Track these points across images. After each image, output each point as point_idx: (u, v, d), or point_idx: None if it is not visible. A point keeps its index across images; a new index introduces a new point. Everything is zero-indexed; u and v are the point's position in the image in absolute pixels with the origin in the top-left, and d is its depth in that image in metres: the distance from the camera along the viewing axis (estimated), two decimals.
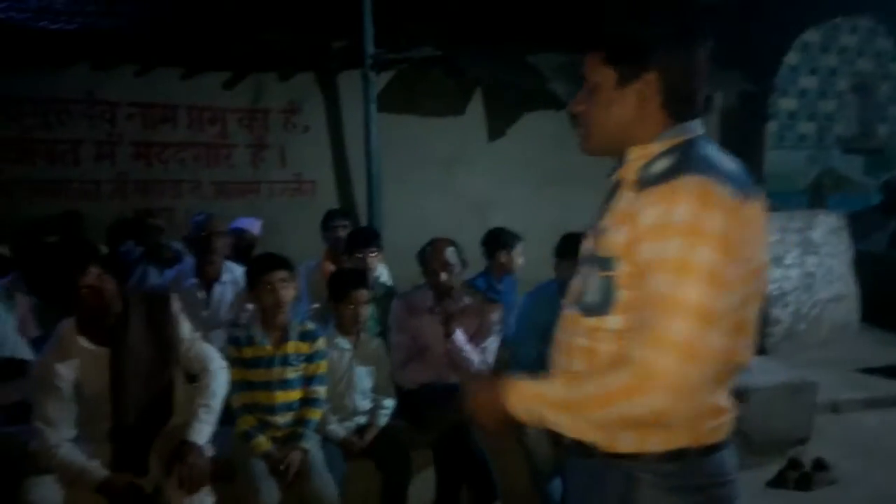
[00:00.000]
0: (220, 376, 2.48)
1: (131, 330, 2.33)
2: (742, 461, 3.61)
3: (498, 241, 4.01)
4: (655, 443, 1.23)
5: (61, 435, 2.27)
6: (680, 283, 1.10)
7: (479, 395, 1.34)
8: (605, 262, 1.23)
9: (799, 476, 3.52)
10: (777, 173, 8.06)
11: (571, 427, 1.23)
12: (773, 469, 3.59)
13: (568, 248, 3.09)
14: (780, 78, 7.81)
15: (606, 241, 1.23)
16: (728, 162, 1.22)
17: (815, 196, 8.59)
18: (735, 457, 1.32)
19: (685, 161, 1.19)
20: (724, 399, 1.27)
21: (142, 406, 2.35)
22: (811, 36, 8.04)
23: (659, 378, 1.10)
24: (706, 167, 1.17)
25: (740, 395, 3.48)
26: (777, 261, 5.38)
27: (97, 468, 2.26)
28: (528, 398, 1.25)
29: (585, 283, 1.29)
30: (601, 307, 1.23)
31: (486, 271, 4.02)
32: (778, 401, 3.80)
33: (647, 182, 1.20)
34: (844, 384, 4.76)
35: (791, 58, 7.83)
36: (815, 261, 5.57)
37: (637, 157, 1.27)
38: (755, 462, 3.66)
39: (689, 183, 1.14)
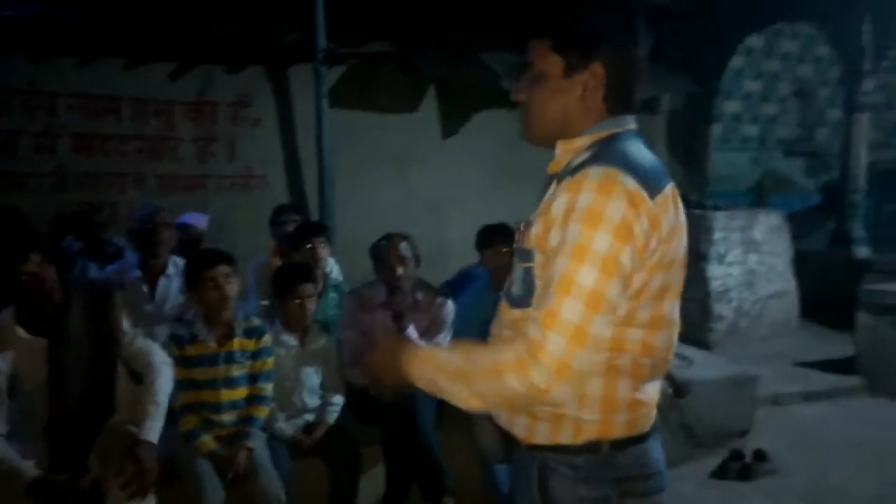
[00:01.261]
0: (164, 372, 2.41)
1: (71, 321, 2.26)
2: (685, 453, 3.72)
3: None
4: (567, 435, 1.25)
5: None
6: (576, 267, 1.13)
7: (383, 354, 1.35)
8: (525, 254, 1.26)
9: (740, 467, 3.63)
10: (722, 174, 8.28)
11: (461, 397, 1.21)
12: (715, 460, 3.69)
13: (487, 239, 3.22)
14: (725, 81, 8.02)
15: (528, 233, 1.26)
16: (644, 157, 1.24)
17: (758, 196, 8.86)
18: (660, 450, 1.34)
19: (599, 154, 1.21)
20: (641, 393, 1.28)
21: (81, 401, 2.27)
22: (755, 41, 8.27)
23: (546, 356, 1.11)
24: (616, 159, 1.19)
25: (683, 388, 3.58)
26: (720, 258, 5.53)
27: (29, 467, 2.18)
28: (426, 365, 1.26)
29: (512, 275, 1.32)
30: (524, 298, 1.25)
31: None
32: (720, 394, 3.91)
33: (565, 175, 1.23)
34: (784, 378, 4.93)
35: (736, 62, 8.04)
36: (756, 258, 5.76)
37: (564, 152, 1.30)
38: (698, 454, 3.76)
39: (595, 172, 1.17)
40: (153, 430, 2.28)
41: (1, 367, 2.20)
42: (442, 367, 1.23)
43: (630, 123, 1.30)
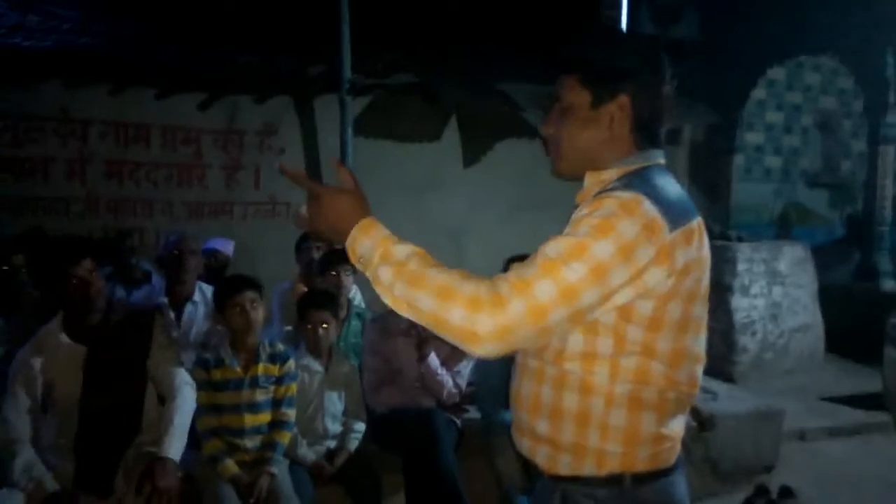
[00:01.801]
0: (186, 392, 2.46)
1: (111, 334, 2.33)
2: (709, 488, 3.65)
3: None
4: (590, 466, 1.25)
5: (25, 431, 2.27)
6: (570, 259, 1.14)
7: (335, 200, 1.28)
8: None
9: (765, 503, 3.55)
10: (744, 205, 8.23)
11: (391, 292, 1.18)
12: (739, 496, 3.62)
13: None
14: (747, 112, 8.03)
15: None
16: (671, 191, 1.26)
17: (782, 228, 8.78)
18: (684, 485, 1.32)
19: (628, 183, 1.23)
20: (666, 427, 1.28)
21: (110, 415, 2.31)
22: (777, 73, 8.27)
23: (501, 313, 1.10)
24: (643, 188, 1.21)
25: (708, 422, 3.53)
26: (744, 290, 5.48)
27: (49, 481, 2.22)
28: (376, 240, 1.22)
29: None
30: None
31: None
32: (745, 428, 3.84)
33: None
34: (810, 412, 4.83)
35: (758, 93, 8.04)
36: (781, 291, 5.69)
37: (593, 183, 1.32)
38: (722, 489, 3.69)
39: (621, 195, 1.19)
40: (173, 448, 2.31)
41: (39, 369, 2.27)
42: (392, 258, 1.19)
43: (659, 158, 1.33)
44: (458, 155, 6.61)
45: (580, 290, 1.13)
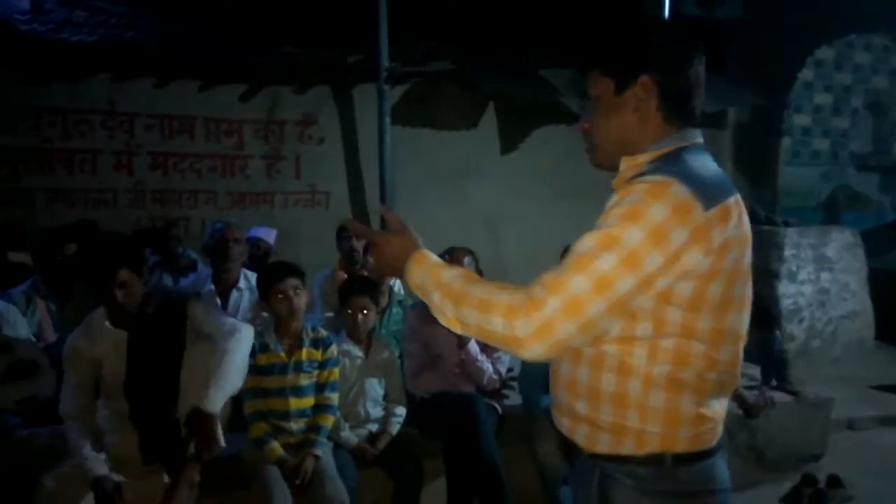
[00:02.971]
0: (240, 340, 2.44)
1: (149, 320, 2.43)
2: (755, 476, 3.60)
3: None
4: (630, 446, 1.26)
5: (76, 410, 2.39)
6: (600, 251, 1.15)
7: (391, 243, 1.39)
8: None
9: (813, 492, 3.49)
10: (791, 189, 8.04)
11: (444, 313, 1.27)
12: (787, 485, 3.56)
13: None
14: (795, 94, 7.81)
15: None
16: (706, 169, 1.26)
17: (830, 213, 8.55)
18: (725, 468, 1.31)
19: (661, 166, 1.24)
20: (706, 408, 1.27)
21: (155, 393, 2.39)
22: (825, 53, 8.03)
23: (537, 314, 1.13)
24: (674, 170, 1.21)
25: (755, 409, 3.47)
26: (791, 276, 5.37)
27: (98, 464, 2.31)
28: (427, 273, 1.30)
29: None
30: None
31: None
32: (792, 417, 3.78)
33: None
34: (859, 401, 4.72)
35: (805, 74, 7.82)
36: (829, 277, 5.56)
37: (628, 168, 1.32)
38: (768, 478, 3.64)
39: (650, 179, 1.19)
40: (209, 399, 2.26)
41: (88, 352, 2.41)
42: (440, 282, 1.27)
43: (696, 137, 1.32)
44: (495, 142, 6.58)
45: (614, 280, 1.14)
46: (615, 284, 1.14)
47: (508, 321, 1.15)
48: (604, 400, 1.25)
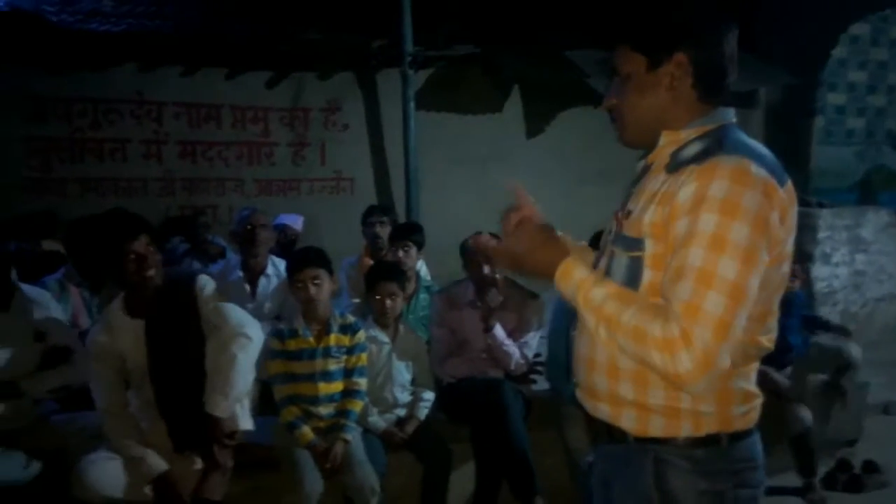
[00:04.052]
0: (247, 346, 2.40)
1: (161, 304, 2.38)
2: (789, 461, 3.53)
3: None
4: (687, 428, 1.24)
5: (116, 404, 2.37)
6: (716, 258, 1.11)
7: (542, 247, 1.30)
8: (632, 243, 1.25)
9: (848, 478, 3.44)
10: (825, 169, 7.86)
11: (598, 333, 1.22)
12: (821, 470, 3.50)
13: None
14: (828, 72, 7.61)
15: (634, 222, 1.25)
16: (762, 148, 1.24)
17: (865, 193, 8.35)
18: (761, 445, 1.32)
19: (720, 143, 1.21)
20: (751, 384, 1.28)
21: (180, 379, 2.38)
22: (860, 28, 7.81)
23: (693, 347, 1.10)
24: (742, 149, 1.19)
25: (789, 392, 3.42)
26: (825, 258, 5.26)
27: (158, 462, 2.31)
28: (575, 288, 1.25)
29: (611, 264, 1.31)
30: (628, 288, 1.24)
31: None
32: (827, 401, 3.71)
33: (679, 164, 1.22)
34: (895, 386, 4.62)
35: (839, 51, 7.61)
36: (864, 259, 5.44)
37: (669, 143, 1.29)
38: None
39: (726, 161, 1.16)
40: (215, 405, 2.31)
41: (110, 346, 2.37)
42: (591, 305, 1.22)
43: (732, 117, 1.30)
44: (521, 125, 6.53)
45: (743, 284, 1.12)
46: (746, 288, 1.13)
47: (666, 356, 1.12)
48: (653, 383, 1.23)
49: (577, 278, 1.26)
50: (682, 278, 1.14)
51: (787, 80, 6.81)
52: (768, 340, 1.27)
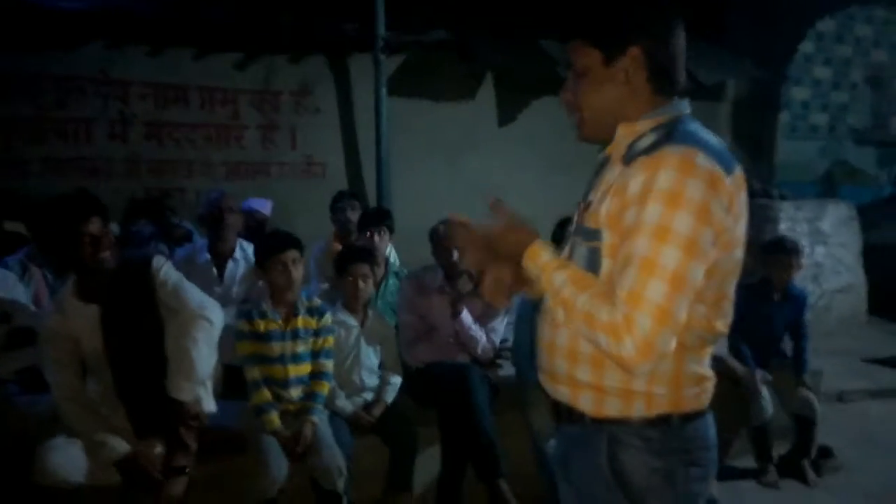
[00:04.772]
0: (208, 328, 2.37)
1: (115, 288, 2.33)
2: (745, 446, 3.63)
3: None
4: (640, 409, 1.29)
5: (72, 389, 2.33)
6: (659, 247, 1.15)
7: (506, 239, 1.35)
8: (591, 234, 1.28)
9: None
10: (789, 163, 8.03)
11: (556, 313, 1.31)
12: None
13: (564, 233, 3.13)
14: (794, 67, 7.75)
15: (593, 213, 1.29)
16: (712, 138, 1.27)
17: (827, 187, 8.56)
18: (714, 427, 1.36)
19: (669, 135, 1.24)
20: (703, 367, 1.33)
21: (138, 364, 2.35)
22: (826, 25, 7.97)
23: (634, 333, 1.15)
24: (690, 139, 1.22)
25: (746, 384, 3.50)
26: None
27: (120, 443, 2.29)
28: (539, 269, 1.30)
29: (572, 254, 1.34)
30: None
31: None
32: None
33: (633, 156, 1.25)
34: (850, 374, 4.78)
35: (805, 47, 7.76)
36: (823, 251, 5.58)
37: (625, 134, 1.32)
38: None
39: (673, 152, 1.19)
40: (178, 388, 2.30)
41: (64, 332, 2.31)
42: (551, 287, 1.28)
43: (686, 108, 1.33)
44: (493, 113, 6.54)
45: (684, 273, 1.15)
46: (688, 277, 1.16)
47: (612, 340, 1.16)
48: (609, 366, 1.27)
49: (542, 261, 1.31)
50: (627, 266, 1.18)
51: (755, 74, 6.93)
52: (723, 325, 1.31)
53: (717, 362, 1.39)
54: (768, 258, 3.60)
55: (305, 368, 2.75)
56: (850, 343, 5.44)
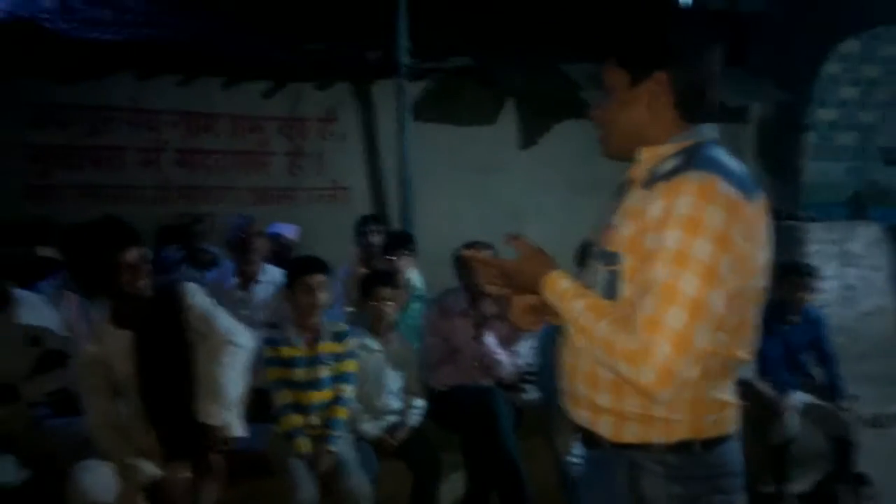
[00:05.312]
0: (237, 353, 2.42)
1: (153, 316, 2.40)
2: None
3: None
4: (659, 435, 1.27)
5: (106, 415, 2.37)
6: (678, 273, 1.15)
7: (523, 271, 1.37)
8: (611, 257, 1.28)
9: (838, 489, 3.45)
10: (816, 185, 7.88)
11: (574, 336, 1.31)
12: (810, 482, 3.53)
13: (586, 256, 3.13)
14: (819, 88, 7.67)
15: (613, 236, 1.29)
16: (733, 163, 1.27)
17: (856, 208, 8.40)
18: (740, 452, 1.34)
19: (691, 160, 1.24)
20: (726, 393, 1.30)
21: (171, 390, 2.39)
22: (851, 46, 7.87)
23: (654, 360, 1.15)
24: (710, 165, 1.22)
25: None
26: None
27: (150, 467, 2.33)
28: (558, 298, 1.32)
29: (594, 278, 1.34)
30: (608, 300, 1.28)
31: None
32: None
33: (654, 180, 1.25)
34: (885, 399, 4.66)
35: (831, 68, 7.67)
36: (854, 273, 5.49)
37: (648, 158, 1.33)
38: (794, 474, 3.60)
39: (692, 178, 1.19)
40: (208, 413, 2.33)
41: (99, 360, 2.37)
42: (571, 316, 1.29)
43: (711, 133, 1.33)
44: (516, 136, 6.57)
45: (704, 300, 1.15)
46: (708, 304, 1.16)
47: (632, 368, 1.17)
48: (629, 392, 1.26)
49: (560, 289, 1.31)
50: (647, 293, 1.18)
51: (778, 96, 6.88)
52: (745, 353, 1.30)
53: (746, 386, 1.37)
54: (782, 280, 3.56)
55: (327, 394, 2.76)
56: (884, 367, 5.31)
